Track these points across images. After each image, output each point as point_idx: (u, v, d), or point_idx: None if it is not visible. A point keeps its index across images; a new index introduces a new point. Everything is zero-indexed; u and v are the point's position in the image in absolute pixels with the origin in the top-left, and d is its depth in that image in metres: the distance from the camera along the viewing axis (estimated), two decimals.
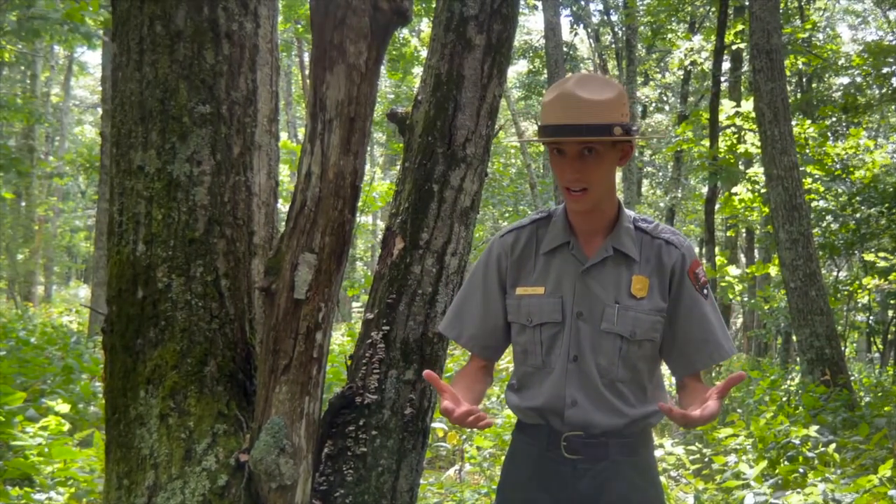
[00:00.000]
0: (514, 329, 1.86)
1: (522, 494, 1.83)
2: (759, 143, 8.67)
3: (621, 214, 1.83)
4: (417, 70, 17.72)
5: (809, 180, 10.69)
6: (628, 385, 1.78)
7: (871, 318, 12.05)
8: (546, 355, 1.79)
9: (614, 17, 20.58)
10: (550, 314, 1.79)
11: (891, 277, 10.02)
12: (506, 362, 7.42)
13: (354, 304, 21.05)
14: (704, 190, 14.19)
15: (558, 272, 1.81)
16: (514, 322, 1.85)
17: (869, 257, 10.64)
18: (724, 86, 15.44)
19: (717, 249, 13.95)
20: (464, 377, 1.90)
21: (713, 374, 9.96)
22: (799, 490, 4.26)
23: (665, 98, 22.02)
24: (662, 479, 5.14)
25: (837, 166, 11.00)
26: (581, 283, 1.79)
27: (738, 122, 12.31)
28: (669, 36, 18.61)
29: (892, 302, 10.24)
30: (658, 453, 5.49)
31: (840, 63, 14.75)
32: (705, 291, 1.82)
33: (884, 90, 11.90)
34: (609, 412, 1.76)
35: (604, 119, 1.66)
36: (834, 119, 12.74)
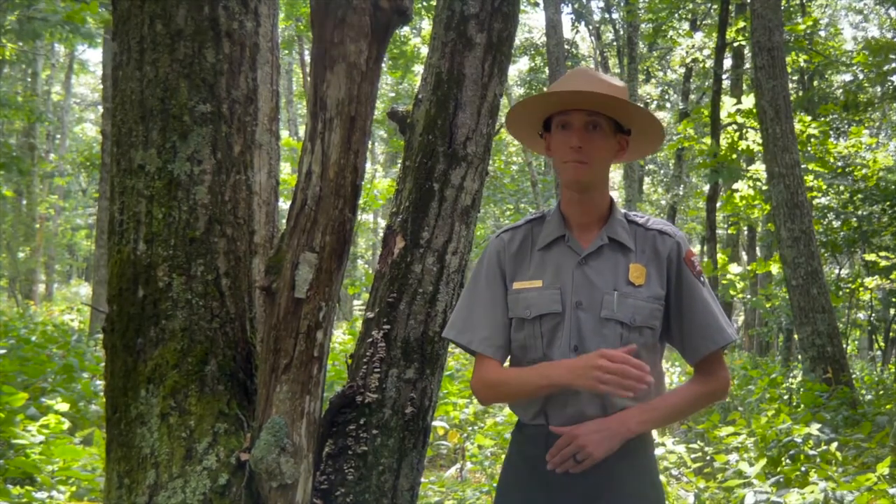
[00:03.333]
0: (512, 325, 1.86)
1: (521, 495, 1.83)
2: (760, 141, 8.67)
3: (614, 207, 1.87)
4: (418, 69, 17.72)
5: (811, 178, 10.69)
6: None
7: (873, 315, 12.05)
8: (547, 348, 1.79)
9: (616, 15, 20.58)
10: (549, 305, 1.79)
11: (892, 276, 10.01)
12: None
13: (356, 303, 21.05)
14: (706, 188, 14.18)
15: (555, 264, 1.83)
16: (513, 317, 1.85)
17: (870, 257, 10.63)
18: (725, 83, 15.44)
19: (718, 247, 13.94)
20: (509, 370, 1.87)
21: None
22: (798, 489, 4.25)
23: (666, 95, 22.02)
24: (663, 477, 5.14)
25: (839, 164, 11.00)
26: (579, 273, 1.80)
27: (739, 119, 12.31)
28: (671, 33, 18.60)
29: (893, 300, 10.23)
30: (659, 451, 5.48)
31: (842, 60, 14.75)
32: (702, 278, 1.85)
33: (885, 88, 11.89)
34: (612, 404, 1.76)
35: (619, 95, 1.76)
36: (835, 116, 12.74)
